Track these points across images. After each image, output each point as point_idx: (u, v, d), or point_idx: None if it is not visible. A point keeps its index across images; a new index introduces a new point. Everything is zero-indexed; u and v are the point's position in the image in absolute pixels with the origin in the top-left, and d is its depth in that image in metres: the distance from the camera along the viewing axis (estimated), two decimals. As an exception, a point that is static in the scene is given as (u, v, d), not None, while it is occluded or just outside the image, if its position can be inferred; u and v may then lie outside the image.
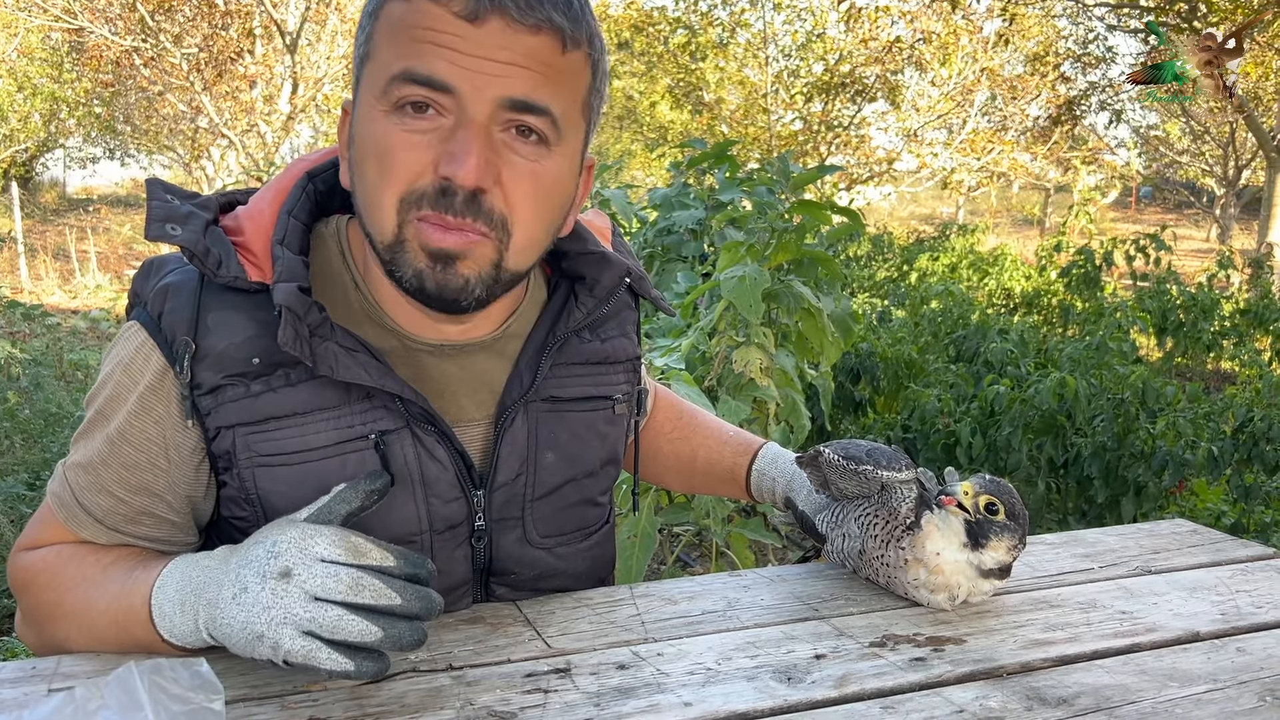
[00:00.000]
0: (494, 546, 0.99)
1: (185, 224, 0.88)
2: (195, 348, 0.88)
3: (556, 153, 0.87)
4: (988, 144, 14.95)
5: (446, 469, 0.94)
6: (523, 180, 0.85)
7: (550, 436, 1.00)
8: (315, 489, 0.88)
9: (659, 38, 14.57)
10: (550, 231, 0.92)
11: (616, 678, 0.84)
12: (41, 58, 15.09)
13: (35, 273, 11.67)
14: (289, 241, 0.91)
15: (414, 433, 0.93)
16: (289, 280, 0.87)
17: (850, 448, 1.00)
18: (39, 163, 21.60)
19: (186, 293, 0.89)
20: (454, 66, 0.81)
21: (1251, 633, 0.96)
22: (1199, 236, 21.68)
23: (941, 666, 0.87)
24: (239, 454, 0.90)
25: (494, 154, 0.83)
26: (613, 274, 1.02)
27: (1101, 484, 3.34)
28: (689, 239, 4.48)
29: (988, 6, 13.54)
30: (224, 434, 0.90)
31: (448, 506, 0.95)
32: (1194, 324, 7.00)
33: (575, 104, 0.88)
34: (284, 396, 0.89)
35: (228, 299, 0.89)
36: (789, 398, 3.14)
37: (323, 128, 13.30)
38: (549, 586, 1.04)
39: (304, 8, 11.49)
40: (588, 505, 1.05)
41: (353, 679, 0.78)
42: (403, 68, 0.82)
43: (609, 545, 1.12)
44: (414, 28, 0.82)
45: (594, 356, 1.04)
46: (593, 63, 0.89)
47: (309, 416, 0.90)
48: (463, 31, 0.81)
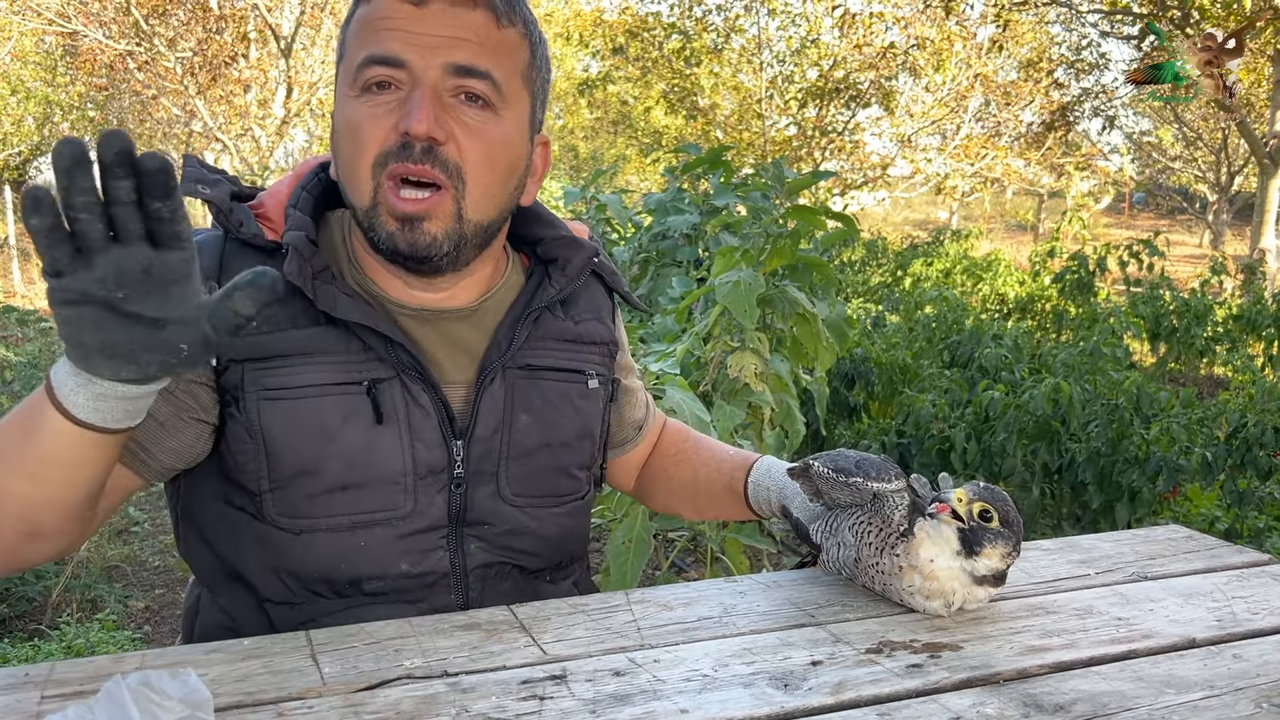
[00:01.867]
0: (469, 497, 1.05)
1: (214, 187, 1.00)
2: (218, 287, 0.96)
3: (503, 115, 1.00)
4: (981, 149, 14.99)
5: (430, 416, 1.02)
6: (473, 135, 0.97)
7: (525, 400, 1.08)
8: (312, 425, 0.98)
9: (654, 43, 14.59)
10: (506, 188, 1.03)
11: (613, 684, 0.84)
12: (35, 61, 15.07)
13: (28, 276, 11.64)
14: (301, 206, 1.04)
15: (403, 381, 1.01)
16: (297, 230, 1.00)
17: (839, 459, 1.00)
18: (32, 166, 21.55)
19: (211, 247, 1.01)
20: (405, 45, 0.95)
21: (1248, 639, 0.96)
22: (1192, 242, 21.76)
23: (938, 673, 0.87)
24: (246, 387, 0.98)
25: (444, 112, 0.96)
26: (583, 254, 1.13)
27: (1096, 489, 3.34)
28: (684, 244, 4.48)
29: (981, 12, 13.58)
30: (234, 367, 0.98)
31: (430, 453, 1.02)
32: (1187, 329, 7.01)
33: (515, 73, 1.00)
34: (290, 337, 0.98)
35: (247, 253, 1.00)
36: (784, 402, 3.14)
37: (317, 131, 13.30)
38: (519, 545, 1.09)
39: (298, 12, 11.48)
40: (561, 474, 1.12)
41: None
42: (365, 54, 0.96)
43: (582, 520, 1.17)
44: (373, 20, 0.96)
45: (567, 334, 1.13)
46: (530, 43, 1.02)
47: (311, 357, 0.99)
48: (410, 14, 0.95)
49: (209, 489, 1.03)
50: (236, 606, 1.05)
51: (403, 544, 1.03)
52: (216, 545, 1.05)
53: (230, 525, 1.02)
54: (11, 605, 3.02)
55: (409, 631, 0.94)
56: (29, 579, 3.12)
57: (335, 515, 1.00)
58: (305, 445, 0.98)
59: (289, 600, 1.03)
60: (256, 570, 1.03)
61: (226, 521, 1.02)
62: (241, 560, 1.03)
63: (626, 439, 1.30)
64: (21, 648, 2.72)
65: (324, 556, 1.01)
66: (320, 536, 1.00)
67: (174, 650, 0.90)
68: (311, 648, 0.90)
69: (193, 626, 1.08)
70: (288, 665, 0.87)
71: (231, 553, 1.03)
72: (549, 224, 1.15)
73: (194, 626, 1.08)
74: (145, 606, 3.32)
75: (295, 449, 0.98)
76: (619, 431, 1.28)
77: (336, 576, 1.01)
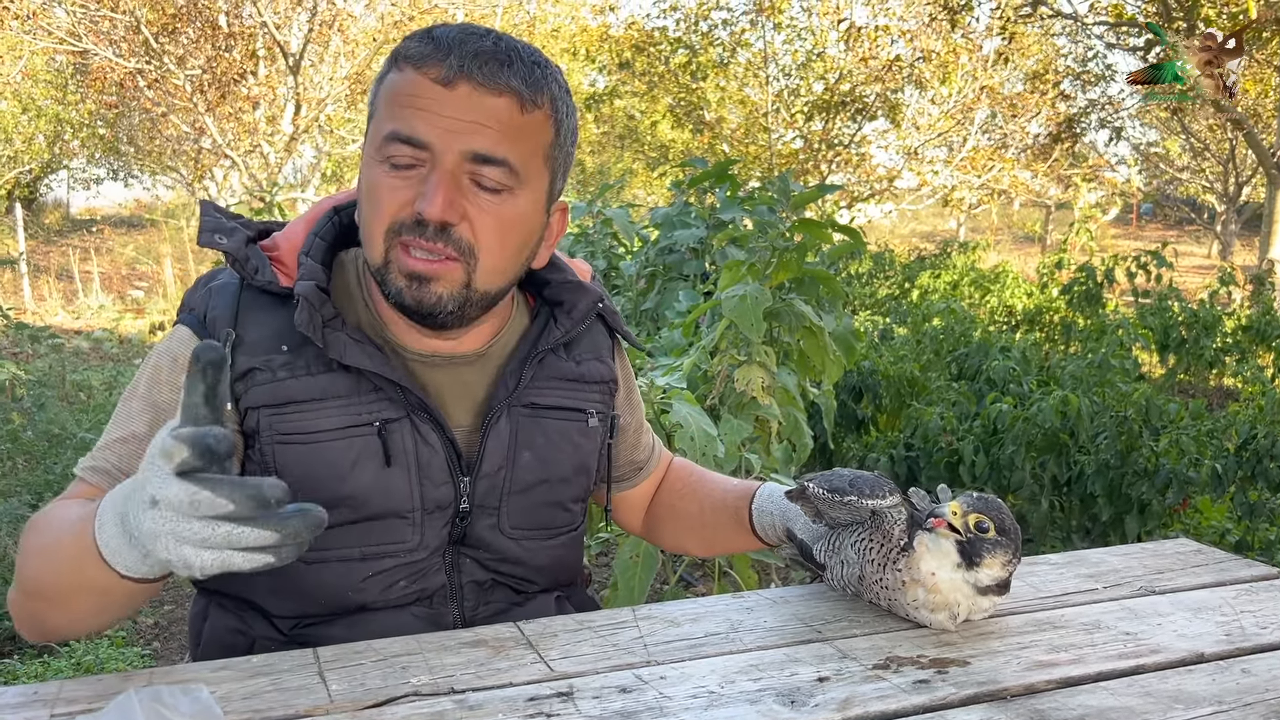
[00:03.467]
0: (470, 527, 1.10)
1: (231, 236, 1.05)
2: (236, 335, 1.02)
3: (519, 195, 1.02)
4: (988, 161, 14.98)
5: (438, 454, 1.06)
6: (486, 216, 1.00)
7: (529, 438, 1.12)
8: (326, 466, 1.02)
9: (660, 58, 14.63)
10: (518, 260, 1.07)
11: (619, 701, 0.84)
12: (46, 80, 15.16)
13: (39, 293, 11.70)
14: (313, 254, 1.07)
15: (412, 421, 1.05)
16: (308, 279, 1.03)
17: (834, 479, 1.01)
18: (43, 184, 21.68)
19: (229, 293, 1.05)
20: (429, 126, 0.97)
21: (1256, 654, 0.95)
22: (1200, 253, 21.69)
23: (945, 689, 0.87)
24: (262, 432, 1.02)
25: (460, 195, 0.99)
26: (588, 299, 1.17)
27: (1105, 502, 3.33)
28: (690, 257, 4.48)
29: (987, 25, 13.60)
30: (251, 414, 1.02)
31: (438, 489, 1.07)
32: (1196, 340, 6.99)
33: (535, 154, 1.02)
34: (303, 383, 1.03)
35: (263, 300, 1.05)
36: (791, 416, 3.13)
37: (325, 148, 13.35)
38: (510, 570, 1.13)
39: (306, 29, 11.54)
40: (557, 508, 1.16)
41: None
42: (391, 129, 0.98)
43: (574, 551, 1.21)
44: (402, 94, 0.99)
45: (570, 374, 1.17)
46: (555, 121, 1.04)
47: (324, 402, 1.03)
48: (438, 95, 0.97)
49: None
50: (244, 616, 1.08)
51: (406, 569, 1.08)
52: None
53: None
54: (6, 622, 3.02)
55: (416, 648, 0.94)
56: (39, 595, 3.13)
57: (347, 547, 1.05)
58: (320, 486, 1.02)
59: (296, 615, 1.07)
60: (263, 593, 1.07)
61: None
62: (249, 583, 1.07)
63: (626, 476, 1.32)
64: (31, 664, 2.72)
65: (333, 583, 1.05)
66: (331, 566, 1.05)
67: (183, 668, 0.91)
68: (319, 665, 0.90)
69: (201, 630, 1.10)
70: (295, 683, 0.87)
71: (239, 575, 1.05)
72: (556, 268, 1.19)
73: (202, 630, 1.10)
74: (154, 623, 3.32)
75: (310, 489, 1.02)
76: (617, 468, 1.30)
77: (344, 599, 1.06)
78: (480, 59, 0.97)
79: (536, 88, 1.00)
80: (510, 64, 0.98)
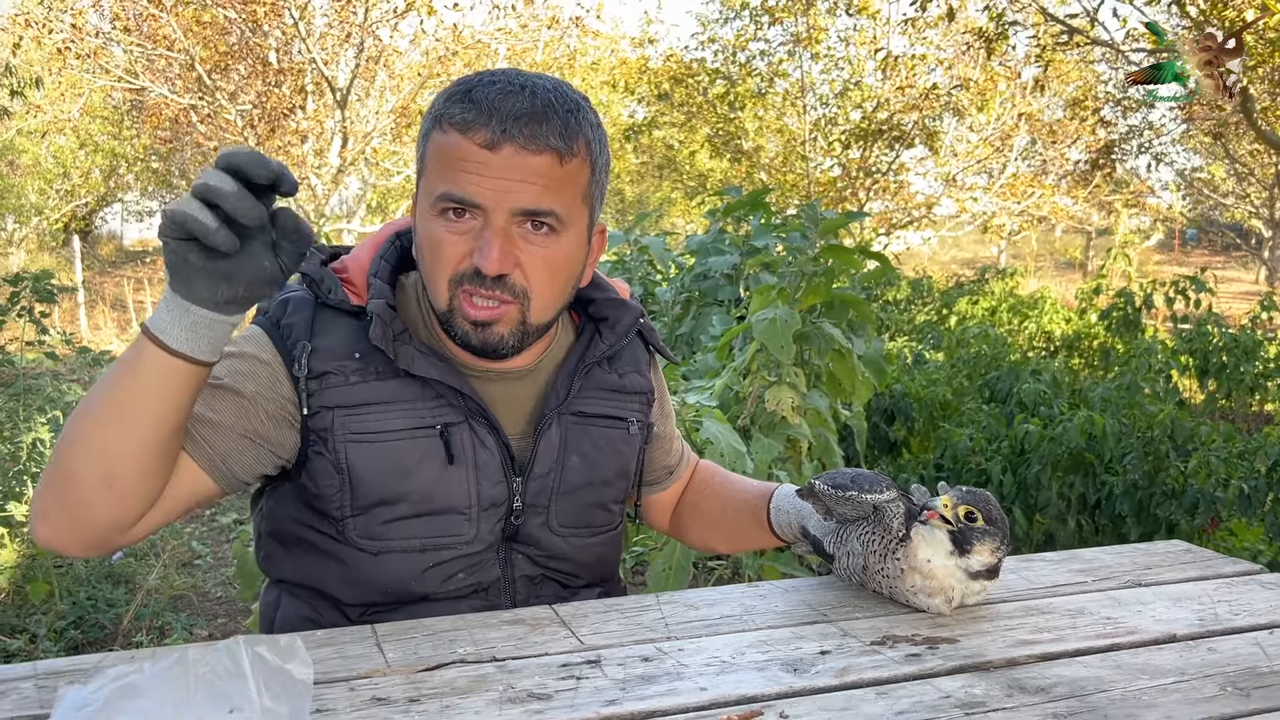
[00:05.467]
0: (522, 525, 1.21)
1: (308, 260, 1.15)
2: (312, 347, 1.12)
3: (564, 236, 1.12)
4: (1028, 188, 14.96)
5: (494, 456, 1.17)
6: (537, 260, 1.11)
7: (577, 443, 1.23)
8: (393, 463, 1.13)
9: (698, 88, 14.81)
10: (567, 291, 1.18)
11: (641, 668, 0.95)
12: (103, 116, 15.68)
13: (94, 322, 12.06)
14: (380, 274, 1.18)
15: (471, 425, 1.16)
16: (379, 298, 1.14)
17: (837, 477, 1.12)
18: (99, 216, 22.31)
19: (306, 307, 1.15)
20: (479, 189, 1.07)
21: (1225, 635, 1.04)
22: (1247, 279, 21.43)
23: (934, 661, 0.97)
24: (335, 430, 1.12)
25: (512, 245, 1.09)
26: (630, 315, 1.28)
27: (1134, 522, 3.38)
28: (724, 283, 4.60)
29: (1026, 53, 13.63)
30: (324, 413, 1.12)
31: (494, 488, 1.17)
32: (1236, 366, 6.97)
33: (577, 198, 1.12)
34: (374, 387, 1.13)
35: (335, 316, 1.16)
36: (821, 436, 3.22)
37: (370, 179, 13.66)
38: (558, 565, 1.24)
39: (353, 65, 11.87)
40: (599, 509, 1.27)
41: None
42: (444, 190, 1.08)
43: (614, 548, 1.33)
44: (451, 157, 1.08)
45: (613, 385, 1.28)
46: (590, 161, 1.13)
47: (392, 405, 1.13)
48: (484, 159, 1.06)
49: (291, 512, 1.19)
50: (315, 604, 1.20)
51: (463, 561, 1.18)
52: (297, 560, 1.20)
53: (311, 544, 1.18)
54: (85, 631, 3.18)
55: (462, 625, 1.06)
56: (101, 606, 3.29)
57: (409, 539, 1.16)
58: (387, 481, 1.13)
59: (364, 603, 1.18)
60: (334, 582, 1.18)
61: (308, 541, 1.18)
62: (321, 574, 1.19)
63: (658, 480, 1.43)
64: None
65: (397, 572, 1.17)
66: (395, 556, 1.16)
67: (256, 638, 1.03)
68: (377, 638, 1.02)
69: (273, 619, 1.22)
70: (357, 651, 0.99)
71: (311, 566, 1.19)
72: (599, 287, 1.29)
73: (274, 618, 1.22)
74: (209, 634, 3.47)
75: (378, 484, 1.13)
76: (650, 472, 1.41)
77: (407, 588, 1.17)
78: (520, 121, 1.05)
79: (572, 137, 1.08)
80: (547, 119, 1.07)
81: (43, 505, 1.01)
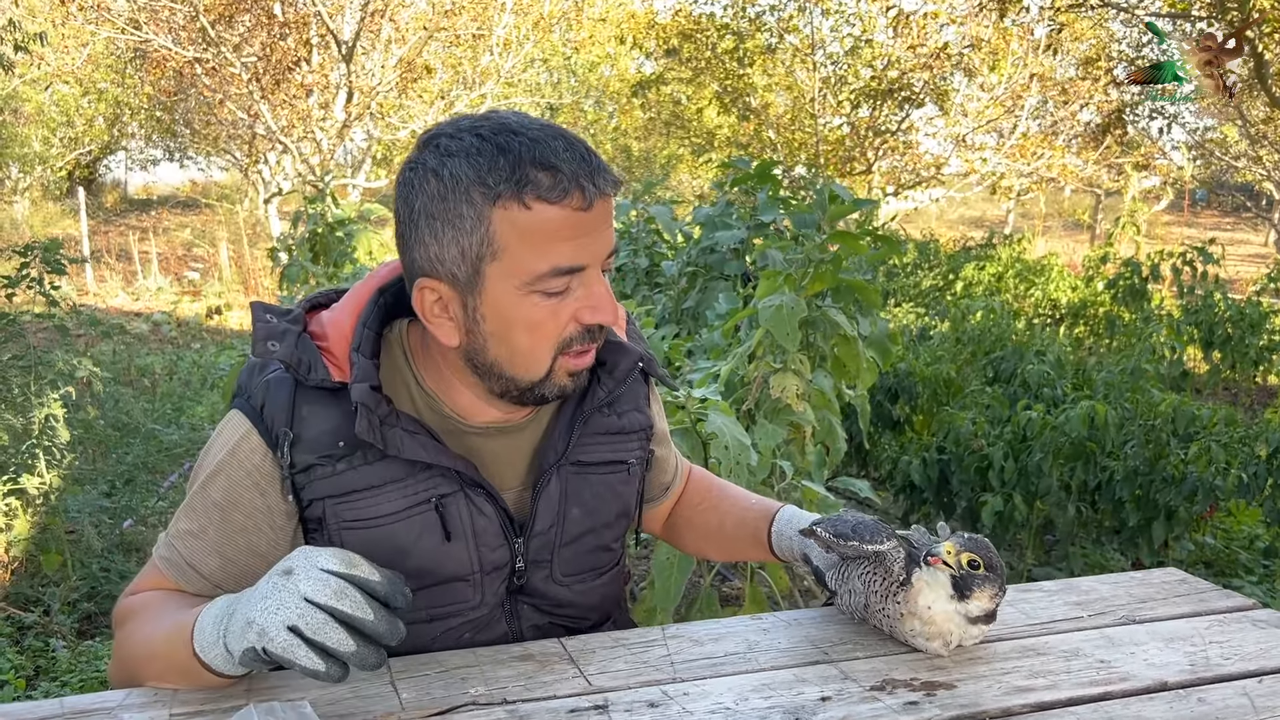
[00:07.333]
0: (527, 581, 1.21)
1: (282, 340, 1.11)
2: (293, 436, 1.09)
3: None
4: (1038, 149, 14.84)
5: (492, 521, 1.16)
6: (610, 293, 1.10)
7: (577, 494, 1.22)
8: (391, 546, 1.12)
9: (706, 44, 14.65)
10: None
11: (648, 715, 0.98)
12: (107, 64, 15.54)
13: (99, 274, 12.06)
14: (363, 349, 1.12)
15: (466, 495, 1.14)
16: (363, 381, 1.08)
17: (839, 524, 1.14)
18: (102, 164, 22.21)
19: (285, 391, 1.11)
20: (584, 251, 1.04)
21: (1215, 684, 1.07)
22: (1257, 241, 21.32)
23: (931, 710, 1.00)
24: (328, 520, 1.12)
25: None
26: (629, 359, 1.24)
27: (1133, 508, 3.41)
28: (731, 258, 4.60)
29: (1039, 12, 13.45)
30: (316, 504, 1.12)
31: (494, 553, 1.17)
32: (1241, 338, 6.96)
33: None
34: (362, 473, 1.11)
35: (317, 396, 1.11)
36: (825, 420, 3.25)
37: (376, 133, 13.57)
38: (565, 614, 1.25)
39: (359, 18, 11.75)
40: (602, 550, 1.27)
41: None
42: (551, 266, 1.03)
43: (617, 584, 1.33)
44: (546, 231, 1.02)
45: (612, 428, 1.26)
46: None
47: (383, 488, 1.12)
48: (582, 220, 1.03)
49: None
50: None
51: (471, 625, 1.19)
52: None
53: None
54: (99, 603, 3.24)
55: (474, 661, 1.09)
56: (113, 577, 3.34)
57: (416, 610, 1.13)
58: (387, 563, 1.10)
59: None
60: None
61: None
62: None
63: (654, 497, 1.44)
64: (109, 644, 2.93)
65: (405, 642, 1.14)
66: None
67: (277, 675, 1.06)
68: (391, 675, 1.05)
69: None
70: (372, 691, 1.02)
71: None
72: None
73: None
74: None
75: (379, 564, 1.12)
76: (648, 492, 1.41)
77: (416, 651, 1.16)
78: (595, 173, 1.03)
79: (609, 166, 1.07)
80: (597, 159, 1.05)
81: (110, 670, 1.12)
